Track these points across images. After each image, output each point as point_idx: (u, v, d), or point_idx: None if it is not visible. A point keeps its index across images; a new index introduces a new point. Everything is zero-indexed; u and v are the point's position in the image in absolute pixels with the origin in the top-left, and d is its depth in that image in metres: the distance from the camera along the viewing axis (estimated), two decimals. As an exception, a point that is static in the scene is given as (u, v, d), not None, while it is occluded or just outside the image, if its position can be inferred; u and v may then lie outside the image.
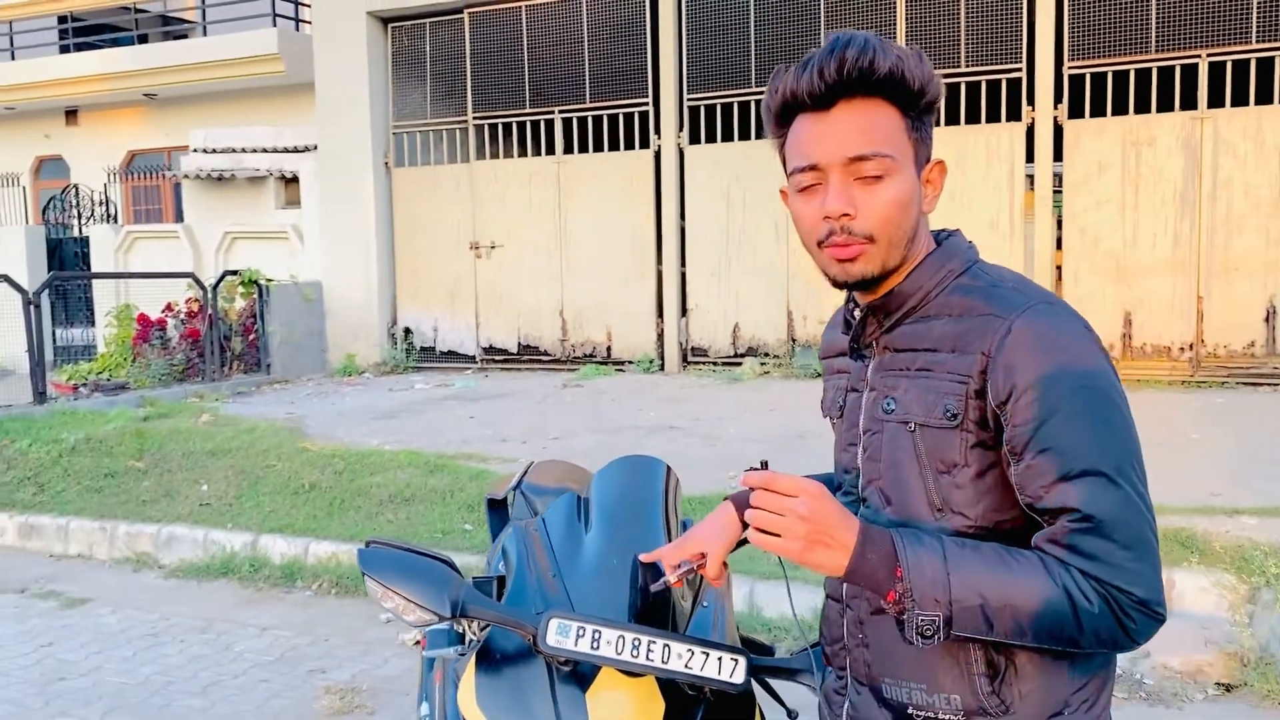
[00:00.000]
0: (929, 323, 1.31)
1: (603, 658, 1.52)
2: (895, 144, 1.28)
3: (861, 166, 1.26)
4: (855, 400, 1.41)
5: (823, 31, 9.61)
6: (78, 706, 3.97)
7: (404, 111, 11.64)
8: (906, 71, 1.26)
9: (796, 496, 1.19)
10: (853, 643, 1.40)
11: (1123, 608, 1.20)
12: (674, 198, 10.34)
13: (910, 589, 1.20)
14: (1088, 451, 1.21)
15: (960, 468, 1.27)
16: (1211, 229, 8.49)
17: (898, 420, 1.31)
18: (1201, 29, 8.42)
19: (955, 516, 1.28)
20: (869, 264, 1.29)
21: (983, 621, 1.20)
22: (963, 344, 1.26)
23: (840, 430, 1.46)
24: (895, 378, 1.33)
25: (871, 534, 1.22)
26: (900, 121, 1.28)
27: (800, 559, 1.21)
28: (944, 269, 1.34)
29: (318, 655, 4.43)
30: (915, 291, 1.33)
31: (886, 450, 1.33)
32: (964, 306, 1.29)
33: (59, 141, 16.55)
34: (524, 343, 11.19)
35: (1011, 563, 1.21)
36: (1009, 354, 1.22)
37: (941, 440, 1.27)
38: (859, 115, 1.27)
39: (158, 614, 5.03)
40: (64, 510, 6.39)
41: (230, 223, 12.64)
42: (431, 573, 1.57)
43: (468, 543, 5.18)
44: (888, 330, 1.36)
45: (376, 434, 7.42)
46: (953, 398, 1.26)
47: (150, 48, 15.04)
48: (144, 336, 10.72)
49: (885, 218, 1.27)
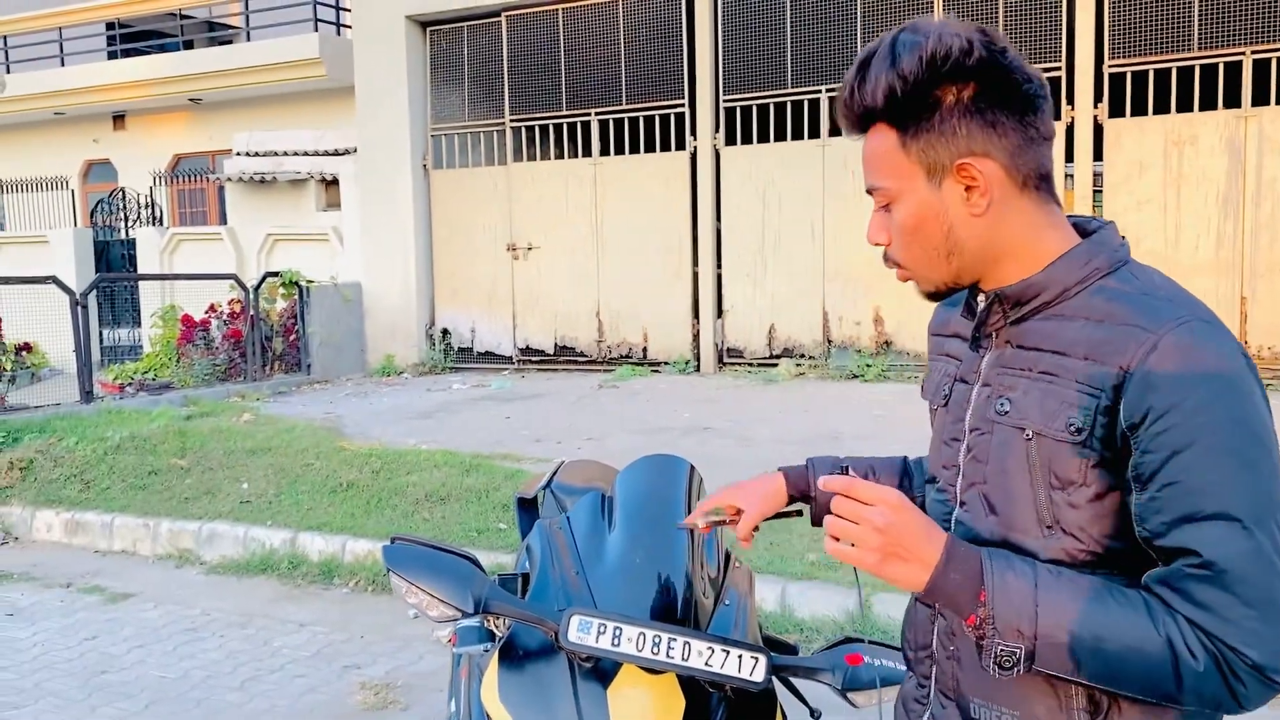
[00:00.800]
0: (1062, 323, 1.19)
1: (624, 654, 1.53)
2: (889, 170, 1.22)
3: (874, 197, 1.25)
4: (963, 392, 1.30)
5: (859, 33, 9.57)
6: (120, 699, 4.06)
7: (442, 114, 11.75)
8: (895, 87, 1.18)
9: (874, 505, 1.12)
10: (942, 654, 1.30)
11: (1233, 669, 1.06)
12: (710, 199, 10.34)
13: (993, 616, 1.10)
14: (1223, 493, 1.08)
15: (1078, 486, 1.15)
16: (1256, 229, 8.35)
17: (1012, 424, 1.20)
18: (1245, 26, 8.28)
19: (1066, 537, 1.17)
20: (924, 285, 1.28)
21: (1069, 660, 1.10)
22: (1099, 353, 1.14)
23: (943, 421, 1.34)
24: (1014, 376, 1.22)
25: (958, 551, 1.13)
26: (894, 141, 1.21)
27: (876, 571, 1.13)
28: (1089, 265, 1.20)
29: (354, 651, 4.49)
30: (1052, 285, 1.21)
31: (995, 454, 1.22)
32: (1106, 311, 1.16)
33: (107, 146, 16.86)
34: (560, 344, 11.24)
35: (1111, 601, 1.10)
36: (1150, 372, 1.09)
37: (1060, 454, 1.15)
38: (866, 146, 1.25)
39: (198, 609, 5.12)
40: (109, 507, 6.52)
41: (272, 225, 12.83)
42: (455, 569, 1.59)
43: (502, 541, 5.22)
44: (1014, 323, 1.24)
45: (413, 434, 7.50)
46: (1079, 410, 1.14)
47: (195, 53, 15.28)
48: (188, 337, 10.90)
49: (899, 244, 1.25)
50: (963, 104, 1.17)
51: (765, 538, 4.95)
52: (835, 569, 4.61)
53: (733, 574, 1.94)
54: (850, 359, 9.68)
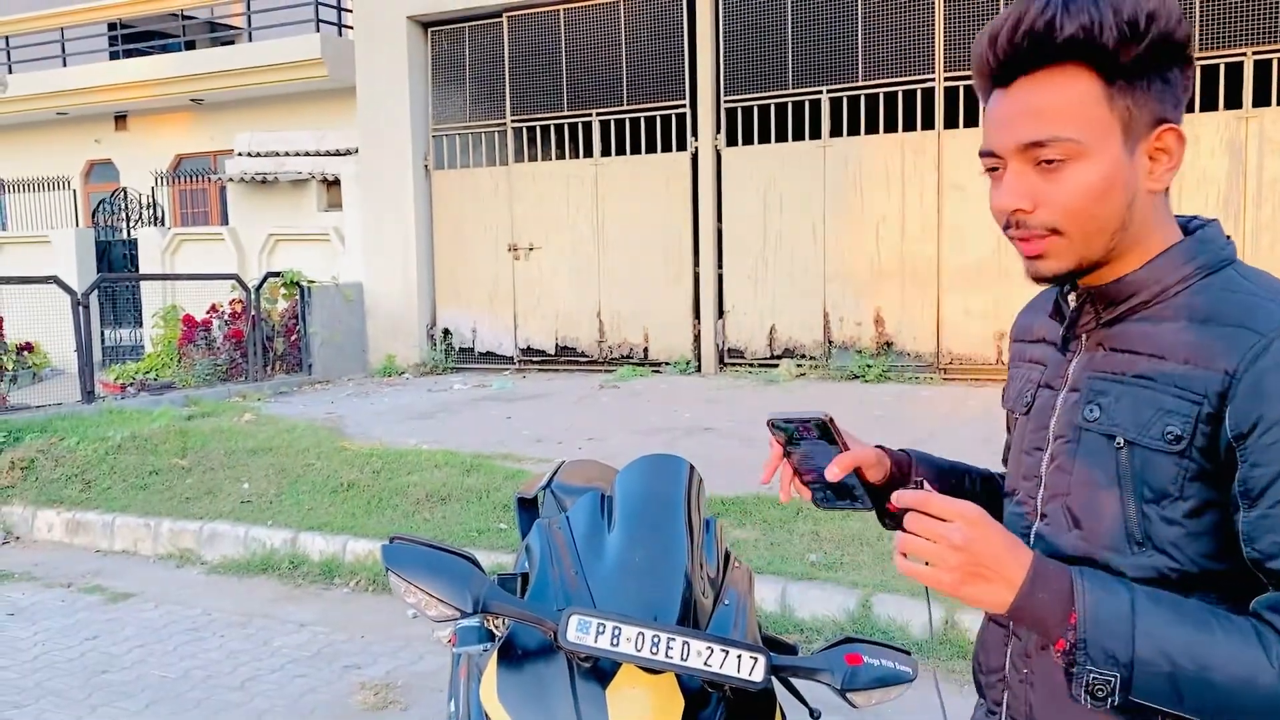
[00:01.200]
0: (1161, 324, 1.11)
1: (622, 654, 1.53)
2: (1083, 122, 1.07)
3: (1038, 153, 1.08)
4: (1048, 398, 1.21)
5: (860, 31, 9.57)
6: (120, 699, 4.06)
7: (443, 114, 11.75)
8: (1104, 26, 1.04)
9: (952, 521, 1.04)
10: (1015, 678, 1.21)
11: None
12: (711, 200, 10.35)
13: (1084, 640, 1.01)
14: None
15: (1173, 500, 1.07)
16: (1257, 231, 8.34)
17: (1101, 432, 1.11)
18: (1246, 26, 8.28)
19: (1158, 555, 1.08)
20: (1059, 260, 1.12)
21: (1169, 692, 1.00)
22: (1202, 356, 1.05)
23: (1023, 430, 1.25)
24: (1105, 381, 1.13)
25: (1045, 570, 1.05)
26: (1098, 91, 1.07)
27: (953, 592, 1.05)
28: (1192, 263, 1.13)
29: (354, 651, 4.49)
30: (1151, 284, 1.12)
31: (1081, 464, 1.14)
32: (1209, 313, 1.08)
33: (109, 146, 16.88)
34: (561, 344, 11.25)
35: (1217, 628, 1.01)
36: (1261, 379, 1.01)
37: (1156, 465, 1.07)
38: (1039, 92, 1.08)
39: (199, 609, 5.13)
40: (110, 507, 6.52)
41: (273, 225, 12.84)
42: (454, 569, 1.59)
43: (502, 541, 5.23)
44: (1107, 324, 1.16)
45: (414, 434, 7.50)
46: (1178, 418, 1.05)
47: (197, 54, 15.30)
48: (189, 337, 10.91)
49: (1072, 209, 1.09)
50: (1171, 67, 1.09)
51: (765, 538, 4.95)
52: (835, 569, 4.61)
53: (732, 574, 1.94)
54: (851, 360, 9.68)
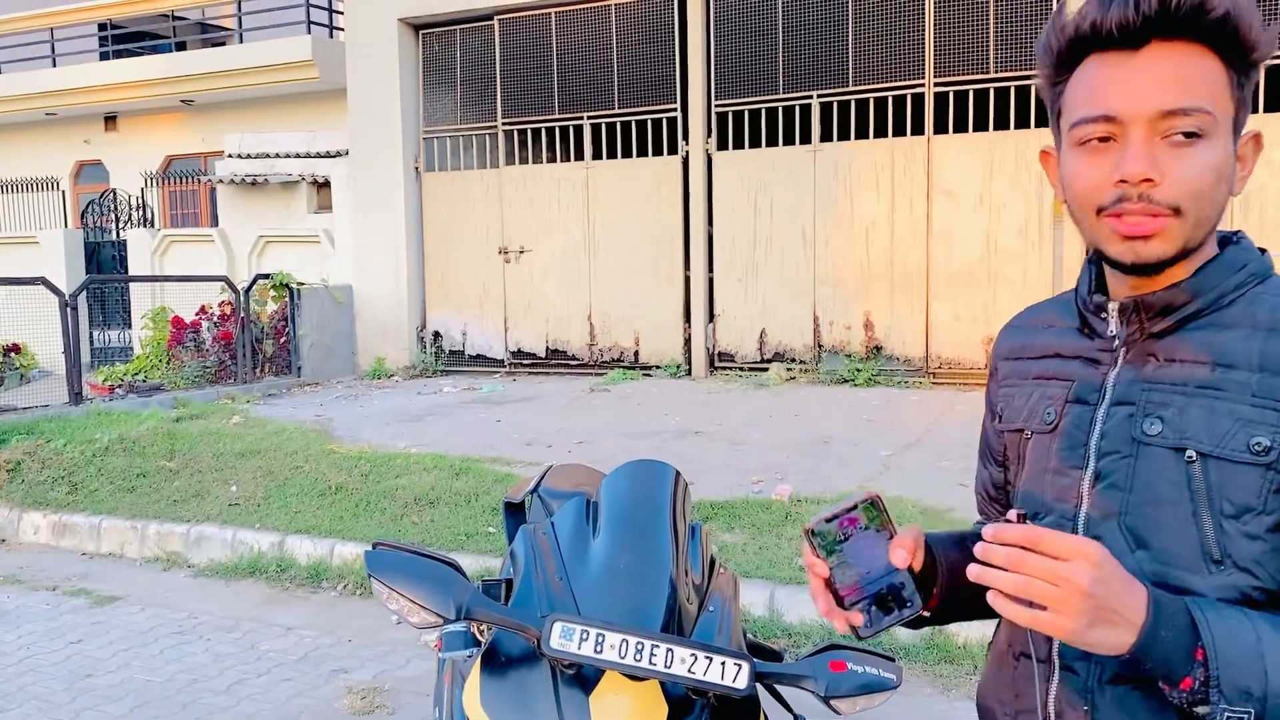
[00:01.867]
0: (1221, 332, 1.08)
1: (606, 661, 1.53)
2: (1218, 100, 1.04)
3: (1174, 123, 1.03)
4: (1083, 414, 1.14)
5: (851, 37, 9.60)
6: (104, 703, 4.04)
7: (434, 117, 11.74)
8: (1243, 16, 1.03)
9: (1074, 561, 0.94)
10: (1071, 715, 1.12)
11: None
12: (702, 204, 10.36)
13: (1217, 677, 0.94)
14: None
15: (1257, 514, 1.03)
16: (1245, 236, 8.38)
17: (1169, 446, 1.06)
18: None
19: (1238, 573, 1.03)
20: (1168, 243, 1.05)
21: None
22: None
23: (1047, 449, 1.18)
24: (1166, 393, 1.08)
25: (1164, 604, 0.98)
26: (1225, 76, 1.05)
27: (1074, 639, 0.96)
28: (1244, 271, 1.10)
29: (341, 655, 4.48)
30: (1209, 290, 1.09)
31: (1143, 480, 1.08)
32: (1277, 321, 1.06)
33: (98, 147, 16.82)
34: (552, 347, 11.24)
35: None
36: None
37: (1236, 477, 1.03)
38: (1177, 61, 1.04)
39: (186, 612, 5.10)
40: (97, 509, 6.49)
41: (263, 227, 12.81)
42: (437, 575, 1.59)
43: (491, 545, 5.22)
44: (1160, 334, 1.11)
45: (403, 437, 7.48)
46: (1264, 427, 1.02)
47: (188, 55, 15.25)
48: (178, 339, 10.87)
49: (1198, 188, 1.04)
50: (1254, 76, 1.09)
51: (754, 542, 4.96)
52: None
53: (717, 580, 1.94)
54: (841, 364, 9.69)
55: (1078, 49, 1.09)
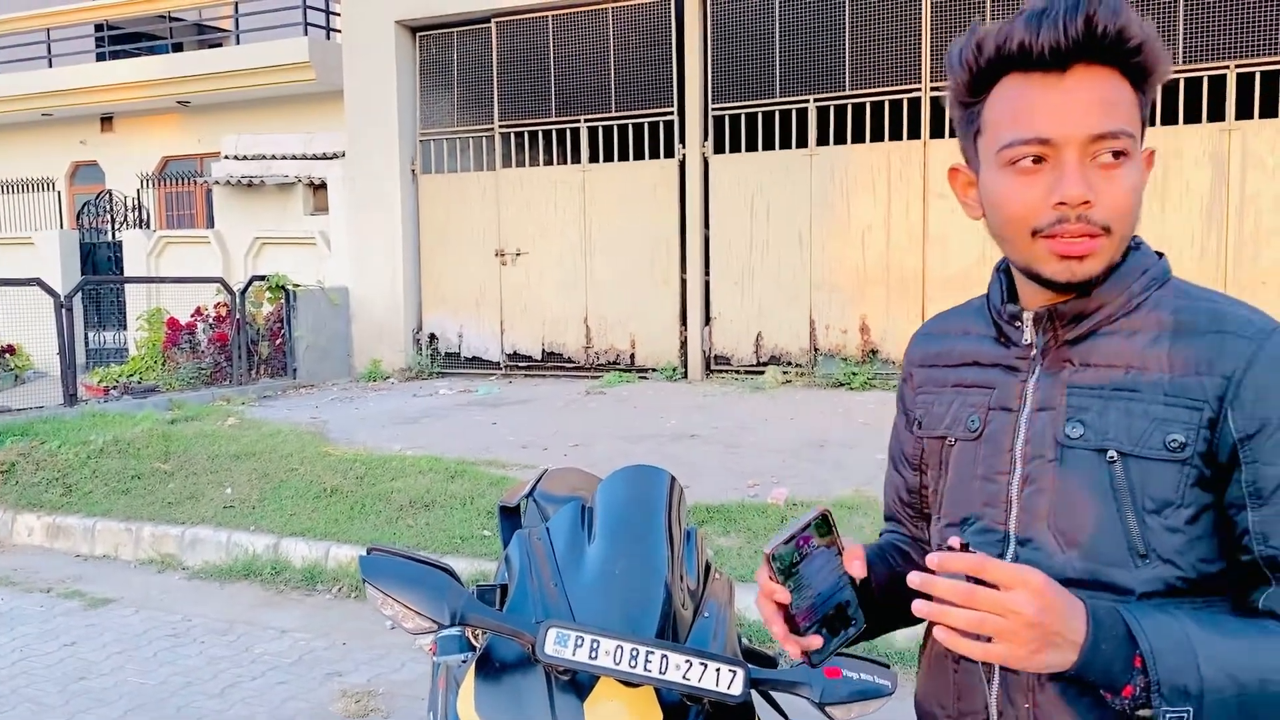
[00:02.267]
0: (1130, 337, 1.12)
1: (601, 667, 1.53)
2: (1133, 122, 1.09)
3: (1103, 145, 1.07)
4: (1007, 421, 1.17)
5: (847, 42, 9.61)
6: (98, 706, 4.04)
7: (431, 119, 11.74)
8: (1154, 43, 1.07)
9: (1016, 591, 0.95)
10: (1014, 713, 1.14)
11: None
12: (698, 207, 10.36)
13: (1157, 682, 0.97)
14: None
15: (1176, 508, 1.07)
16: (1239, 243, 8.40)
17: (1091, 448, 1.10)
18: (1230, 40, 8.34)
19: (1163, 565, 1.07)
20: (1101, 261, 1.09)
21: (1236, 713, 0.99)
22: (1192, 364, 1.07)
23: (972, 455, 1.21)
24: (1085, 397, 1.12)
25: (1102, 618, 1.00)
26: (1135, 99, 1.09)
27: (1022, 666, 0.98)
28: (1145, 277, 1.15)
29: (335, 658, 4.47)
30: (1118, 297, 1.13)
31: (1068, 482, 1.11)
32: (1180, 323, 1.10)
33: (94, 147, 16.80)
34: (548, 349, 11.24)
35: (1258, 636, 1.02)
36: (1264, 379, 1.05)
37: (1156, 474, 1.07)
38: (1101, 85, 1.07)
39: (180, 615, 5.10)
40: (91, 511, 6.48)
41: (259, 228, 12.79)
42: (431, 581, 1.59)
43: (486, 549, 5.21)
44: (1074, 341, 1.15)
45: (399, 439, 7.48)
46: (1179, 425, 1.06)
47: (184, 56, 15.24)
48: (173, 340, 10.86)
49: (1126, 207, 1.08)
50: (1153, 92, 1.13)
51: (750, 545, 4.96)
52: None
53: (712, 585, 1.94)
54: (836, 367, 9.70)
55: (997, 69, 1.11)
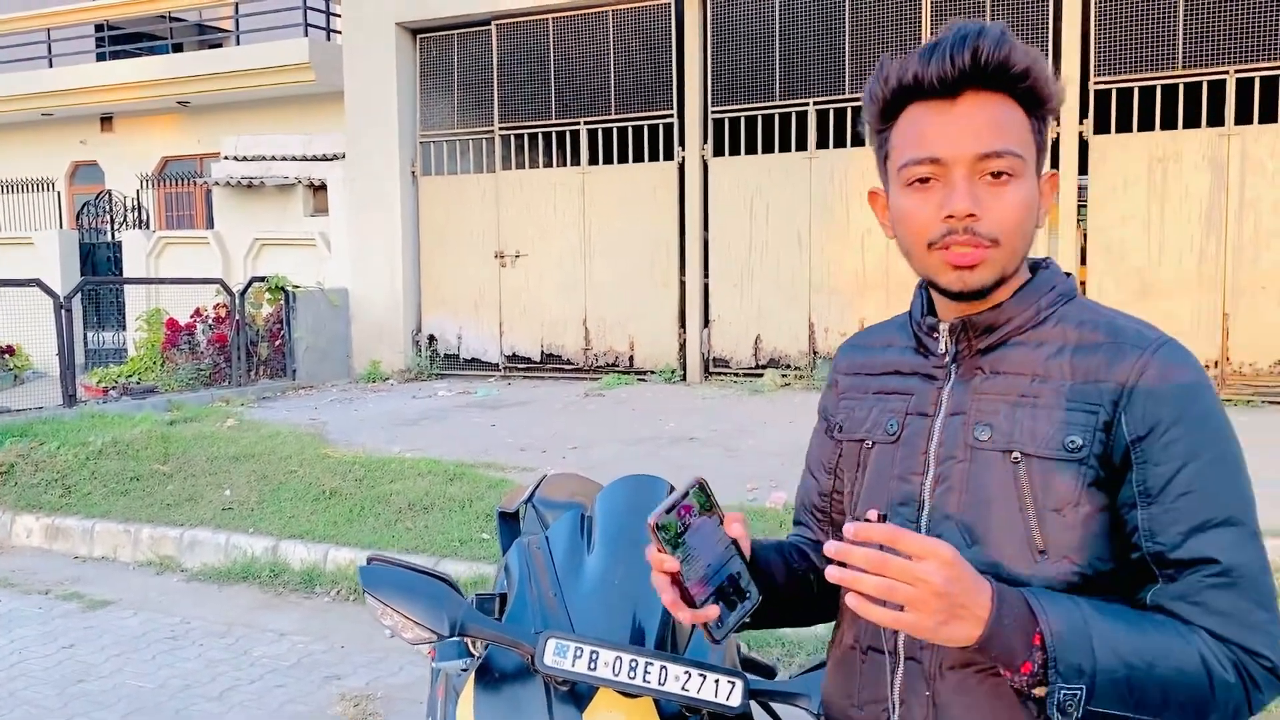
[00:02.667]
0: (1037, 348, 1.20)
1: (600, 678, 1.53)
2: (1023, 144, 1.18)
3: (990, 164, 1.15)
4: (922, 425, 1.25)
5: (848, 46, 9.62)
6: (96, 709, 4.04)
7: (431, 121, 11.75)
8: (1040, 71, 1.17)
9: (927, 561, 1.00)
10: (915, 701, 1.20)
11: (1251, 674, 1.08)
12: (697, 209, 10.37)
13: (1054, 659, 1.03)
14: (1229, 499, 1.12)
15: (1073, 506, 1.14)
16: (1238, 246, 8.42)
17: (997, 449, 1.17)
18: (1229, 45, 8.36)
19: (1060, 562, 1.13)
20: (990, 271, 1.18)
21: (1125, 694, 1.04)
22: (1090, 372, 1.16)
23: (890, 457, 1.28)
24: (994, 402, 1.20)
25: (1005, 595, 1.05)
26: (1026, 122, 1.18)
27: (929, 636, 1.03)
28: (1053, 293, 1.24)
29: (334, 661, 4.47)
30: (1025, 310, 1.22)
31: (975, 482, 1.18)
32: (1082, 336, 1.19)
33: (94, 147, 16.80)
34: (547, 351, 11.24)
35: (1148, 625, 1.08)
36: (1153, 386, 1.13)
37: (1056, 475, 1.14)
38: (989, 109, 1.16)
39: (178, 617, 5.10)
40: (90, 513, 6.48)
41: (259, 229, 12.80)
42: (431, 591, 1.59)
43: (484, 552, 5.22)
44: (986, 350, 1.23)
45: (398, 441, 7.48)
46: (1078, 428, 1.14)
47: (184, 56, 15.24)
48: (173, 341, 10.86)
49: (1013, 221, 1.16)
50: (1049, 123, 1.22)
51: (748, 551, 4.95)
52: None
53: (711, 595, 1.94)
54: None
55: (900, 99, 1.20)
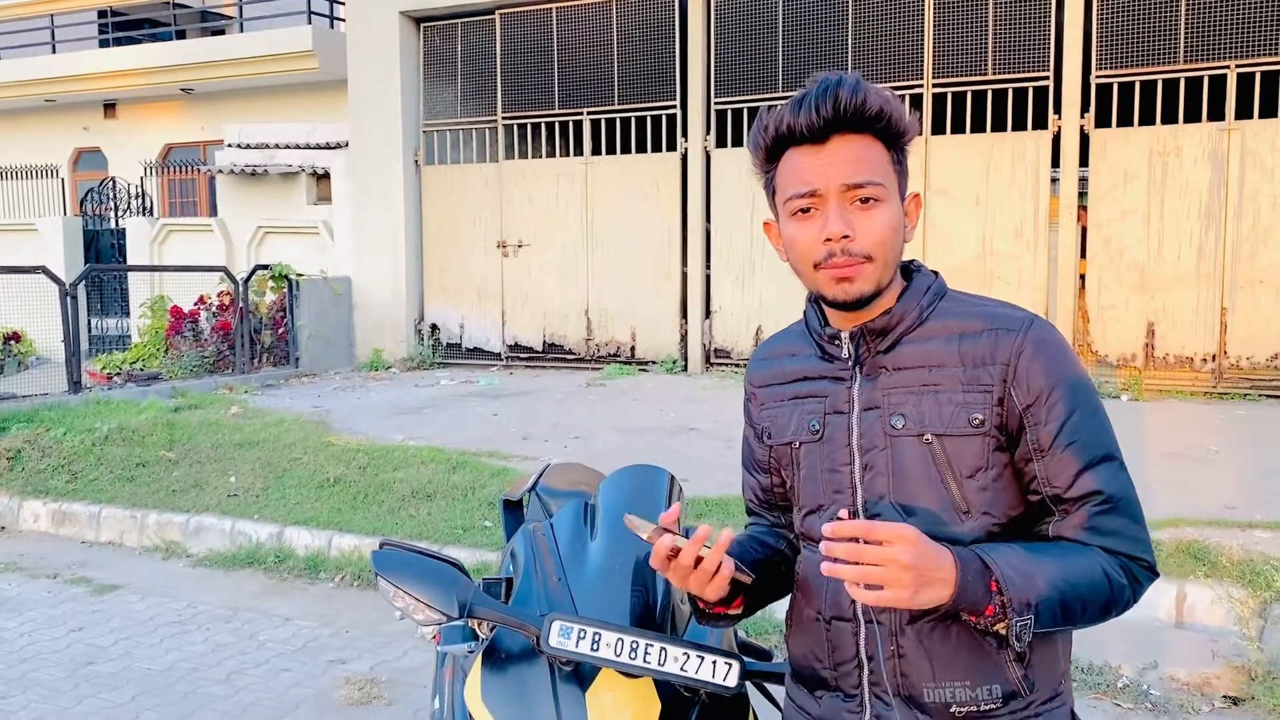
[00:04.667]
0: (927, 343, 1.40)
1: (602, 659, 1.60)
2: (884, 174, 1.37)
3: (857, 193, 1.35)
4: (841, 421, 1.43)
5: (851, 37, 9.65)
6: (106, 690, 4.11)
7: (434, 110, 11.78)
8: (893, 111, 1.36)
9: (895, 544, 1.20)
10: (883, 656, 1.40)
11: (1135, 575, 1.33)
12: (700, 200, 10.41)
13: (1010, 600, 1.25)
14: (1103, 439, 1.36)
15: (983, 471, 1.35)
16: (1237, 241, 8.46)
17: (911, 434, 1.37)
18: (1230, 40, 8.38)
19: (982, 517, 1.36)
20: (866, 283, 1.37)
21: (1060, 613, 1.28)
22: (978, 357, 1.36)
23: (817, 453, 1.46)
24: (902, 395, 1.39)
25: (964, 556, 1.26)
26: (886, 155, 1.38)
27: (908, 605, 1.22)
28: (929, 293, 1.43)
29: (339, 646, 4.54)
30: (911, 311, 1.41)
31: (898, 465, 1.38)
32: (963, 327, 1.39)
33: (97, 134, 16.82)
34: (549, 341, 11.29)
35: (1063, 554, 1.31)
36: (1031, 361, 1.34)
37: (965, 448, 1.35)
38: (853, 148, 1.36)
39: (185, 602, 5.17)
40: (96, 498, 6.55)
41: (262, 217, 12.84)
42: (441, 575, 1.65)
43: (487, 540, 5.28)
44: (885, 351, 1.41)
45: (401, 429, 7.54)
46: (978, 406, 1.35)
47: (188, 43, 15.26)
48: (176, 328, 10.91)
49: (881, 239, 1.36)
50: (907, 152, 1.43)
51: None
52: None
53: (710, 581, 2.00)
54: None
55: (780, 144, 1.40)
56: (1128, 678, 3.98)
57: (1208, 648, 4.05)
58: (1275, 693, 3.79)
